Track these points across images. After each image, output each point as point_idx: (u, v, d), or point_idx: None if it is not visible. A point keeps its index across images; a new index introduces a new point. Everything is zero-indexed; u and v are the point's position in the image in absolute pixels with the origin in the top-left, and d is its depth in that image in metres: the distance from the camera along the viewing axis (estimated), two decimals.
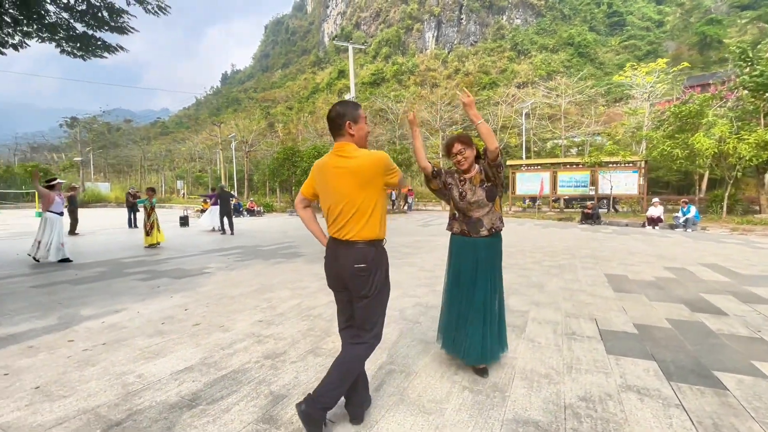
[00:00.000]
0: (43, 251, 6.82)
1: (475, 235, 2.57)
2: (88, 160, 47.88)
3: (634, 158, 18.14)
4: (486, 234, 2.55)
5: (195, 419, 2.04)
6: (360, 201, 1.88)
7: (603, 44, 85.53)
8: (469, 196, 2.56)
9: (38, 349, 2.99)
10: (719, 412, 2.13)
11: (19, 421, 2.02)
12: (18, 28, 8.54)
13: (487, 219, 2.56)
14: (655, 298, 4.46)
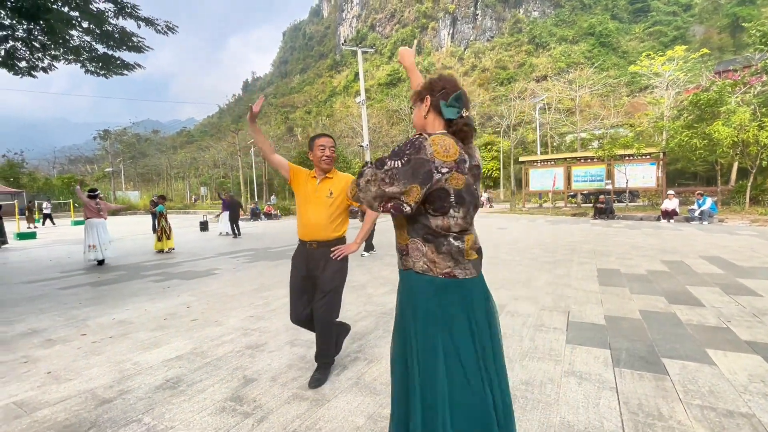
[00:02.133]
0: (100, 252, 7.68)
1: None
2: (119, 171, 50.41)
3: (650, 150, 17.62)
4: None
5: (174, 398, 2.36)
6: None
7: (626, 32, 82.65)
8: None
9: (55, 342, 3.42)
10: (649, 394, 2.26)
11: (30, 399, 2.40)
12: (46, 53, 9.30)
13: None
14: (637, 291, 4.51)
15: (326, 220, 2.51)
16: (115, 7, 8.04)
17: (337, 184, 2.56)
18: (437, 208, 1.32)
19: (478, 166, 1.43)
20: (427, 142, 1.29)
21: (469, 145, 1.42)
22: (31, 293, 5.43)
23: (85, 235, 7.79)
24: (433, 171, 1.27)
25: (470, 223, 1.42)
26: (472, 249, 1.40)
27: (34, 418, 2.17)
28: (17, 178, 37.28)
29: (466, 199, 1.35)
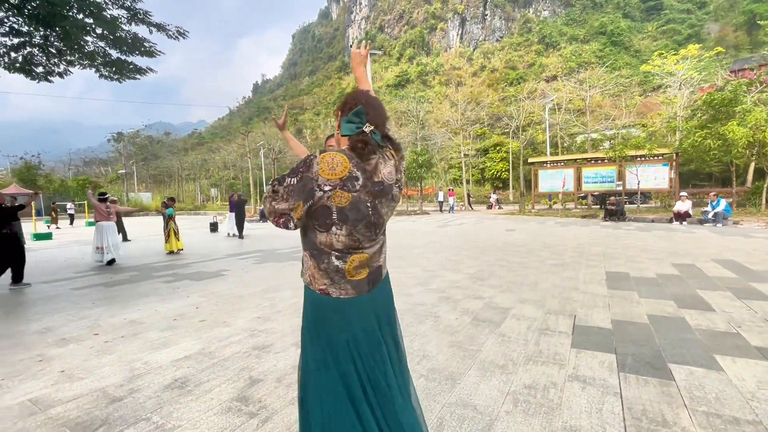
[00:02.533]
0: (110, 254, 7.91)
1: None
2: (132, 172, 51.32)
3: (662, 150, 17.34)
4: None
5: (182, 397, 2.42)
6: None
7: (638, 31, 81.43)
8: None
9: (68, 341, 3.52)
10: (654, 400, 2.25)
11: (45, 397, 2.48)
12: (62, 58, 9.55)
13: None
14: (646, 295, 4.46)
15: None
16: (127, 13, 8.23)
17: None
18: (320, 225, 1.35)
19: (381, 182, 1.39)
20: (316, 160, 1.34)
21: (369, 160, 1.38)
22: (46, 293, 5.58)
23: (95, 237, 8.01)
24: (315, 189, 1.31)
25: (360, 242, 1.38)
26: (357, 269, 1.38)
27: (48, 415, 2.24)
28: (34, 180, 38.20)
29: (350, 216, 1.34)
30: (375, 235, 1.42)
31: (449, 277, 5.80)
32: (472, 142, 40.29)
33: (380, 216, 1.42)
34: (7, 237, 6.06)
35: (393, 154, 1.51)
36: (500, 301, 4.38)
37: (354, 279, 1.38)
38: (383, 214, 1.43)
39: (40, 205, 32.76)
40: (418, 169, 24.71)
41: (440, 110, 49.66)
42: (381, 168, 1.41)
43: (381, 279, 1.46)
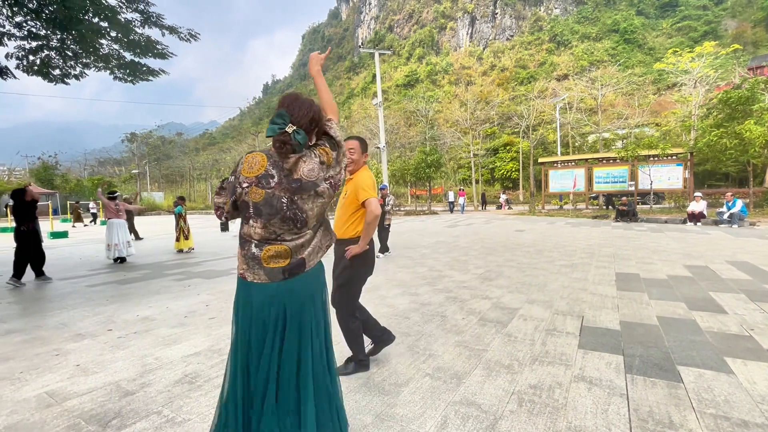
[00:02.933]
0: (120, 250, 8.13)
1: None
2: (145, 172, 52.21)
3: (676, 150, 17.02)
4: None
5: (192, 392, 2.48)
6: None
7: (653, 28, 79.97)
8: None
9: (83, 336, 3.62)
10: (661, 402, 2.23)
11: (61, 390, 2.56)
12: (78, 61, 9.78)
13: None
14: (656, 297, 4.40)
15: (338, 219, 2.68)
16: (141, 17, 8.38)
17: (351, 185, 2.63)
18: (244, 217, 1.55)
19: (299, 179, 1.50)
20: (242, 160, 1.56)
21: (288, 159, 1.50)
22: (62, 290, 5.74)
23: (107, 234, 8.21)
24: (236, 185, 1.52)
25: (279, 234, 1.51)
26: (274, 258, 1.51)
27: (64, 408, 2.32)
28: (51, 180, 39.15)
29: (263, 211, 1.48)
30: (297, 228, 1.53)
31: (457, 277, 5.80)
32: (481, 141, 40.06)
33: (301, 211, 1.52)
34: (28, 234, 6.26)
35: (326, 151, 1.60)
36: (508, 302, 4.37)
37: (269, 266, 1.51)
38: (306, 210, 1.52)
39: (56, 204, 33.54)
40: (427, 169, 24.66)
41: (449, 110, 49.46)
42: (301, 166, 1.52)
43: (303, 271, 1.55)
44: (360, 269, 2.66)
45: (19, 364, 3.02)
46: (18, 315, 4.43)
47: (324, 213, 1.66)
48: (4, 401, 2.42)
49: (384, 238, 8.07)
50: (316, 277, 1.62)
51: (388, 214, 8.07)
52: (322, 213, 1.63)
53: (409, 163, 26.45)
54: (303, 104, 1.59)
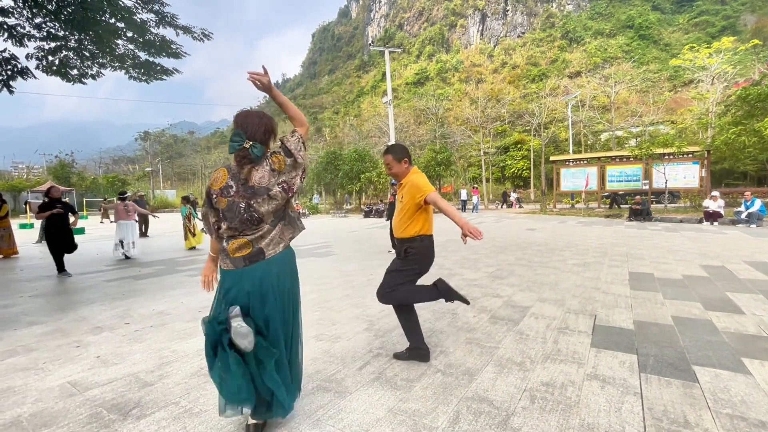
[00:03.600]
0: (127, 249, 8.33)
1: None
2: (158, 170, 53.04)
3: (692, 148, 16.67)
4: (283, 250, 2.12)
5: (207, 384, 2.53)
6: None
7: (669, 23, 78.26)
8: None
9: (102, 329, 3.72)
10: (676, 401, 2.21)
11: (83, 380, 2.64)
12: (95, 61, 9.98)
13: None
14: (671, 297, 4.34)
15: (396, 222, 2.81)
16: (156, 17, 8.51)
17: (404, 191, 2.76)
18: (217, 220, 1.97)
19: (252, 186, 1.84)
20: (213, 175, 1.92)
21: (242, 170, 1.86)
22: (80, 284, 5.89)
23: (116, 234, 8.45)
24: (210, 197, 1.93)
25: (241, 231, 1.87)
26: (237, 249, 1.87)
27: (86, 397, 2.39)
28: (68, 178, 40.05)
29: (227, 215, 1.86)
30: (255, 225, 1.87)
31: (467, 275, 5.79)
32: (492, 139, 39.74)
33: (257, 212, 1.84)
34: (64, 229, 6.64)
35: (278, 159, 1.89)
36: (519, 300, 4.35)
37: (234, 256, 1.88)
38: (262, 211, 1.85)
39: (73, 201, 34.30)
40: (437, 167, 24.59)
41: (460, 108, 49.14)
42: (254, 174, 1.85)
43: (262, 258, 1.89)
44: (416, 261, 2.75)
45: (42, 354, 3.12)
46: (39, 308, 4.57)
47: (282, 210, 1.96)
48: (30, 390, 2.51)
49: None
50: (280, 262, 1.94)
51: None
52: (279, 210, 1.93)
53: (419, 161, 26.40)
54: (254, 119, 1.89)
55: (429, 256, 2.80)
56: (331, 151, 31.03)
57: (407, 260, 2.75)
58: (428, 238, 2.77)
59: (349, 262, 7.17)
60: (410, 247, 2.73)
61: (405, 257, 2.74)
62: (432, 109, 37.17)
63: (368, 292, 4.91)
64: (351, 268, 6.62)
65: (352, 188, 27.35)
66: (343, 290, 5.05)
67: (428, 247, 2.77)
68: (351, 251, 8.66)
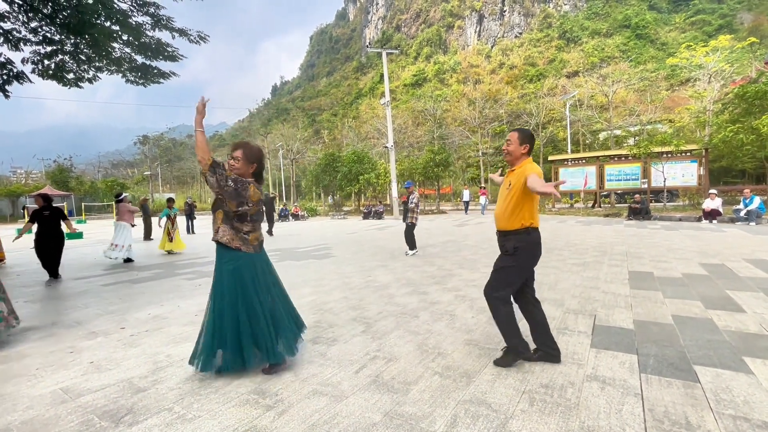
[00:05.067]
0: (118, 251, 8.20)
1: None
2: (157, 174, 52.96)
3: (690, 146, 16.67)
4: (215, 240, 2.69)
5: (202, 389, 2.49)
6: None
7: (665, 23, 78.57)
8: None
9: (97, 334, 3.67)
10: (677, 402, 2.17)
11: (74, 386, 2.60)
12: (91, 64, 9.95)
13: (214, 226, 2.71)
14: (671, 295, 4.30)
15: (501, 212, 2.65)
16: (151, 20, 8.49)
17: (515, 176, 2.59)
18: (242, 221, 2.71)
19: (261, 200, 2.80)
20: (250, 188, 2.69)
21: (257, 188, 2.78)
22: (76, 289, 5.85)
23: (114, 234, 8.43)
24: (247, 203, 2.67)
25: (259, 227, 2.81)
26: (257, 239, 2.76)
27: (77, 404, 2.35)
28: (66, 182, 39.94)
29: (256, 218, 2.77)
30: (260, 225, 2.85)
31: (466, 276, 5.76)
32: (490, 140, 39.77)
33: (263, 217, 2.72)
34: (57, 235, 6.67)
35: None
36: None
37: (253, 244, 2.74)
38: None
39: (72, 206, 34.21)
40: (435, 168, 24.56)
41: (458, 108, 49.21)
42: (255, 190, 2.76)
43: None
44: (522, 256, 2.60)
45: (35, 361, 3.08)
46: (34, 314, 4.53)
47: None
48: (21, 397, 2.47)
49: (409, 236, 7.98)
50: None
51: (411, 213, 7.98)
52: None
53: (417, 162, 26.39)
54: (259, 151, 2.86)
55: (538, 250, 2.64)
56: (330, 153, 31.00)
57: (514, 256, 2.59)
58: (535, 230, 2.61)
59: (347, 264, 7.13)
60: (518, 241, 2.56)
61: (514, 253, 2.58)
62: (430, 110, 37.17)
63: (366, 294, 4.88)
64: (349, 270, 6.59)
65: (350, 190, 27.32)
66: (341, 292, 5.01)
67: (537, 241, 2.62)
68: (350, 253, 8.62)
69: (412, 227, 8.00)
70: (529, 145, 2.64)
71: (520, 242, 2.57)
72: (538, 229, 2.64)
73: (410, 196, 8.02)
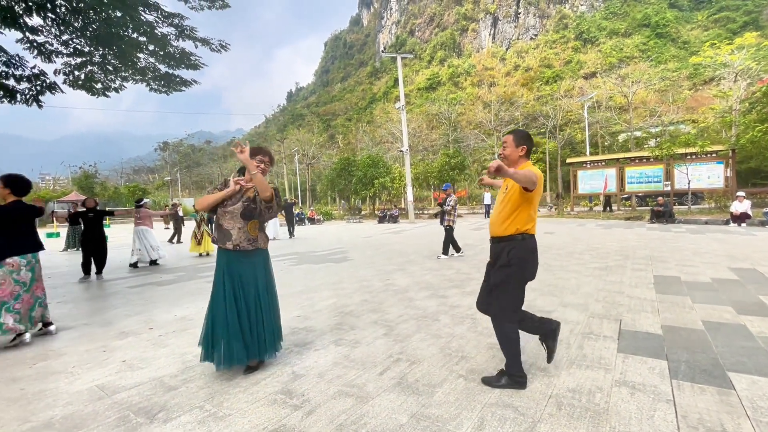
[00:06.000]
0: (143, 255, 8.51)
1: (221, 246, 2.77)
2: (177, 179, 54.32)
3: (716, 147, 16.15)
4: (231, 248, 2.73)
5: (231, 388, 2.55)
6: None
7: (687, 21, 76.46)
8: (229, 203, 2.80)
9: (127, 334, 3.80)
10: (712, 409, 2.12)
11: (110, 384, 2.70)
12: (118, 74, 10.34)
13: (236, 233, 2.74)
14: (700, 300, 4.18)
15: (496, 216, 2.52)
16: (176, 30, 8.77)
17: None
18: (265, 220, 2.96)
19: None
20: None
21: None
22: (105, 291, 6.05)
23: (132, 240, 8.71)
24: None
25: None
26: None
27: (114, 400, 2.44)
28: (92, 188, 41.42)
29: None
30: None
31: None
32: None
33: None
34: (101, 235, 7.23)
35: None
36: (540, 305, 4.27)
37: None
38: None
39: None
40: (451, 171, 24.46)
41: (472, 112, 48.94)
42: None
43: None
44: (519, 268, 2.43)
45: (72, 359, 3.21)
46: (68, 314, 4.71)
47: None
48: (61, 393, 2.58)
49: (447, 239, 7.91)
50: None
51: (448, 215, 7.85)
52: None
53: (432, 166, 26.34)
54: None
55: (534, 259, 2.48)
56: (345, 158, 31.23)
57: (510, 268, 2.42)
58: (531, 237, 2.46)
59: (365, 268, 7.17)
60: (512, 249, 2.40)
61: (507, 264, 2.42)
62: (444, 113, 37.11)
63: (386, 297, 4.90)
64: (367, 273, 6.62)
65: (366, 194, 27.45)
66: (361, 295, 5.04)
67: (532, 249, 2.46)
68: (366, 257, 8.66)
69: (451, 230, 7.88)
70: (526, 147, 2.51)
71: (514, 250, 2.40)
72: (534, 237, 2.48)
73: (447, 198, 7.82)
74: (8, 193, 3.73)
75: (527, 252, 2.44)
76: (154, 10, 8.44)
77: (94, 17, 8.37)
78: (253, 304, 2.77)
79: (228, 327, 2.65)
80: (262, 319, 2.78)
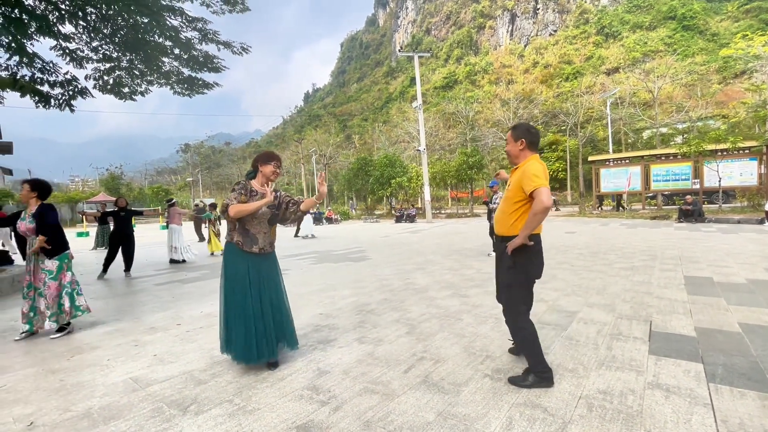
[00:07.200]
0: (179, 253, 8.93)
1: (247, 250, 2.84)
2: (198, 180, 55.69)
3: (749, 143, 15.45)
4: (257, 251, 2.85)
5: (258, 384, 2.60)
6: None
7: (716, 12, 73.42)
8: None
9: (157, 330, 3.92)
10: (753, 414, 2.03)
11: (143, 376, 2.79)
12: (144, 78, 10.67)
13: (261, 238, 2.88)
14: (735, 302, 4.01)
15: (501, 214, 2.51)
16: (199, 35, 8.99)
17: (515, 174, 2.44)
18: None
19: None
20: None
21: None
22: (133, 288, 6.26)
23: (168, 238, 9.12)
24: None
25: None
26: None
27: (147, 392, 2.53)
28: (118, 189, 42.92)
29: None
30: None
31: None
32: None
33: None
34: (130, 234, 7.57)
35: None
36: (565, 305, 4.18)
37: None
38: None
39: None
40: (469, 170, 24.22)
41: (490, 110, 48.32)
42: None
43: None
44: (523, 269, 2.42)
45: (106, 352, 3.33)
46: (100, 310, 4.89)
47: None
48: (97, 385, 2.68)
49: None
50: None
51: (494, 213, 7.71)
52: None
53: (450, 165, 26.13)
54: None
55: (539, 258, 2.45)
56: (362, 158, 31.35)
57: (515, 269, 2.41)
58: (536, 237, 2.40)
59: (384, 267, 7.18)
60: (516, 250, 2.36)
61: (512, 266, 2.41)
62: (462, 112, 36.76)
63: (406, 296, 4.89)
64: (387, 272, 6.63)
65: (383, 193, 27.48)
66: (381, 294, 5.05)
67: (537, 249, 2.41)
68: (385, 256, 8.68)
69: None
70: (525, 140, 2.43)
71: (519, 251, 2.35)
72: (539, 236, 2.42)
73: (493, 196, 7.55)
74: (35, 196, 3.91)
75: (532, 252, 2.40)
76: (179, 15, 8.67)
77: (122, 23, 8.65)
78: (276, 303, 2.90)
79: (255, 326, 2.73)
80: (283, 314, 2.96)
